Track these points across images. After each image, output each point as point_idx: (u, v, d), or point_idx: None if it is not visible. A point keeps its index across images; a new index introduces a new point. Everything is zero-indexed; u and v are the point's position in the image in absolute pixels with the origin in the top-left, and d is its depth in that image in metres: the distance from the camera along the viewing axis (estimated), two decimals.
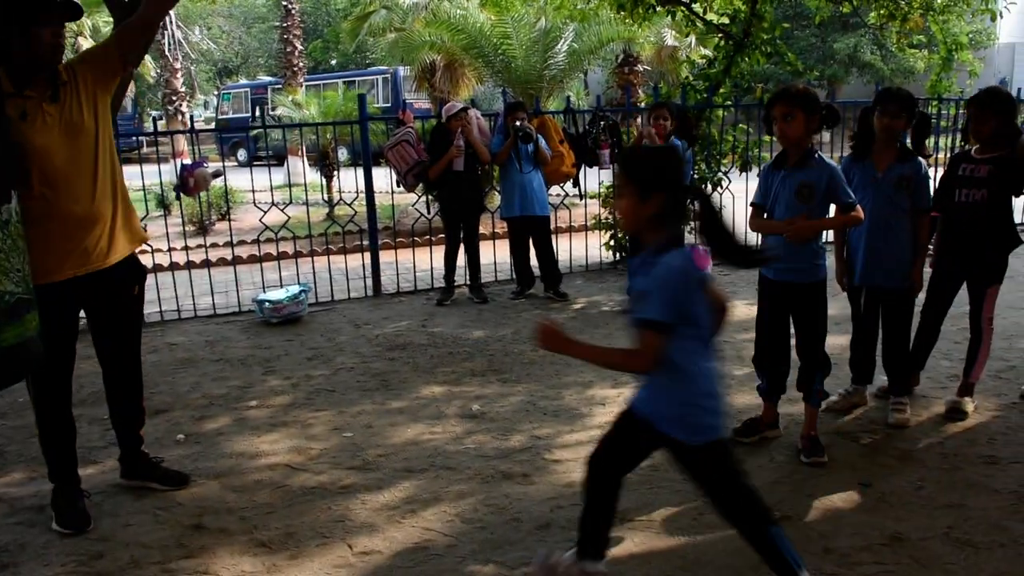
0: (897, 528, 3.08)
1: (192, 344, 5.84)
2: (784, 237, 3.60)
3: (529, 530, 3.16)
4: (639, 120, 10.92)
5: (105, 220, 3.23)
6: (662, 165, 2.50)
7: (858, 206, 3.69)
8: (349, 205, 7.43)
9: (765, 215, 3.76)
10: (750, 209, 3.83)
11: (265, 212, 6.72)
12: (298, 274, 7.11)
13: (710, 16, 8.43)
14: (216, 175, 6.29)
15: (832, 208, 3.73)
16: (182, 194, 6.33)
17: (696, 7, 8.34)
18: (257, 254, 8.35)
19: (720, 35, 8.23)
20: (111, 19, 5.83)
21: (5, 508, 3.59)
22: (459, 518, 3.27)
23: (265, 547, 3.14)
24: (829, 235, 4.77)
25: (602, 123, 7.54)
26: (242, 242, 9.98)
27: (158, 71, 24.55)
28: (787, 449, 3.80)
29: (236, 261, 7.27)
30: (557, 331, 2.43)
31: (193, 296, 6.70)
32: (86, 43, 19.15)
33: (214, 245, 8.41)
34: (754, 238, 3.55)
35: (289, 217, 6.80)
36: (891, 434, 3.94)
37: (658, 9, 8.39)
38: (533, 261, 7.02)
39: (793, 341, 3.84)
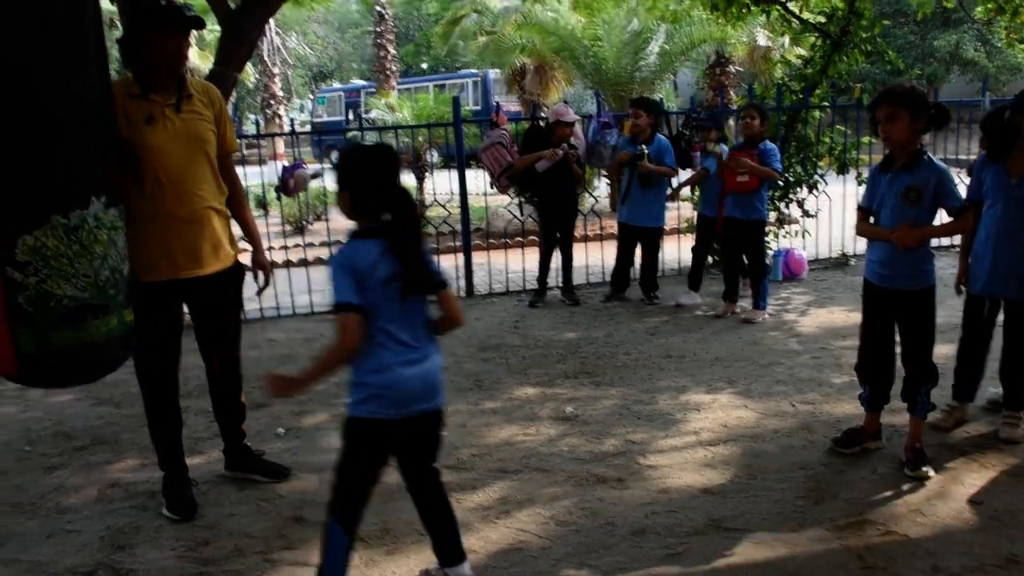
0: (1012, 549, 2.94)
1: (290, 341, 5.99)
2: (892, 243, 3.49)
3: (624, 535, 3.14)
4: (731, 121, 10.78)
5: (209, 227, 3.34)
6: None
7: (969, 213, 3.55)
8: (443, 207, 7.49)
9: (872, 219, 3.65)
10: (856, 213, 3.73)
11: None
12: None
13: (806, 15, 8.24)
14: (315, 176, 6.48)
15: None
16: (282, 195, 6.55)
17: (792, 6, 8.17)
18: None
19: (817, 34, 8.03)
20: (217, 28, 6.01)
21: (121, 492, 3.76)
22: (553, 520, 3.28)
23: (363, 541, 3.18)
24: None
25: (695, 125, 7.45)
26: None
27: (257, 76, 25.31)
28: (890, 461, 3.67)
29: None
30: (278, 376, 2.55)
31: (292, 294, 6.88)
32: (190, 51, 19.81)
33: (311, 244, 8.59)
34: (862, 243, 3.46)
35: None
36: (1003, 449, 3.77)
37: (752, 8, 8.25)
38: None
39: (898, 349, 3.72)
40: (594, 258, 7.48)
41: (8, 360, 2.66)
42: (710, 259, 7.80)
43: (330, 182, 8.75)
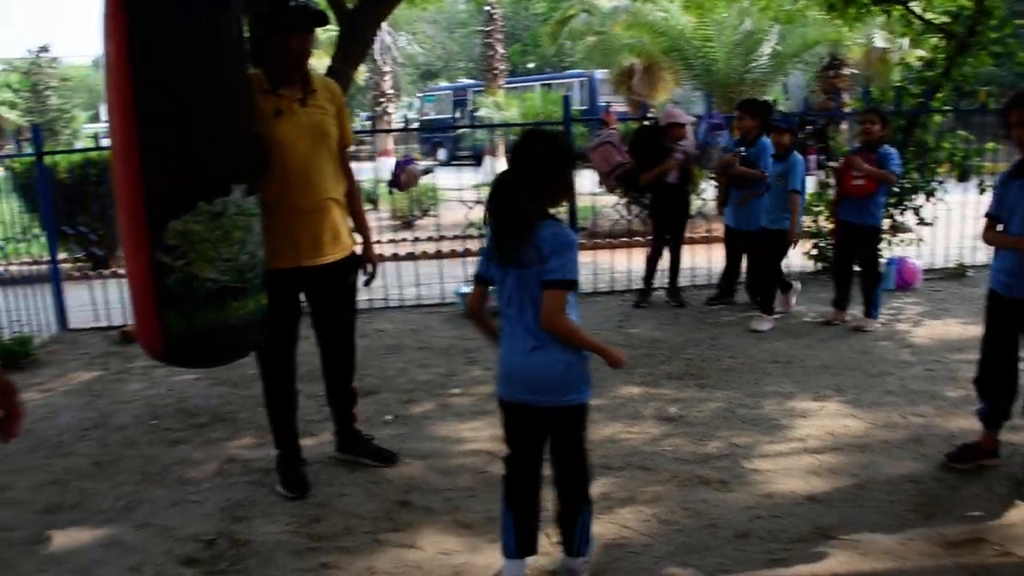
0: None
1: (398, 332, 6.16)
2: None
3: (727, 537, 3.14)
4: (843, 126, 10.50)
5: (329, 217, 3.48)
6: None
7: None
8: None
9: (1000, 227, 3.53)
10: (984, 220, 3.62)
11: (471, 207, 6.99)
12: None
13: (929, 15, 7.96)
14: (426, 172, 6.66)
15: None
16: (394, 189, 6.74)
17: (914, 5, 7.92)
18: (459, 249, 8.63)
19: (940, 35, 7.76)
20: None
21: (239, 468, 3.96)
22: (655, 518, 3.29)
23: (468, 528, 3.28)
24: None
25: (809, 128, 7.31)
26: (443, 237, 10.38)
27: (368, 74, 25.89)
28: (1008, 480, 3.54)
29: (440, 255, 7.59)
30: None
31: (400, 287, 7.06)
32: None
33: (417, 239, 8.79)
34: (987, 251, 3.35)
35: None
36: None
37: (872, 9, 8.04)
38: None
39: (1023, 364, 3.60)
40: (700, 260, 7.42)
41: (157, 340, 2.86)
42: (819, 265, 7.65)
43: (442, 177, 8.96)
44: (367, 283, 3.79)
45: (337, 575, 2.98)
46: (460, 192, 7.59)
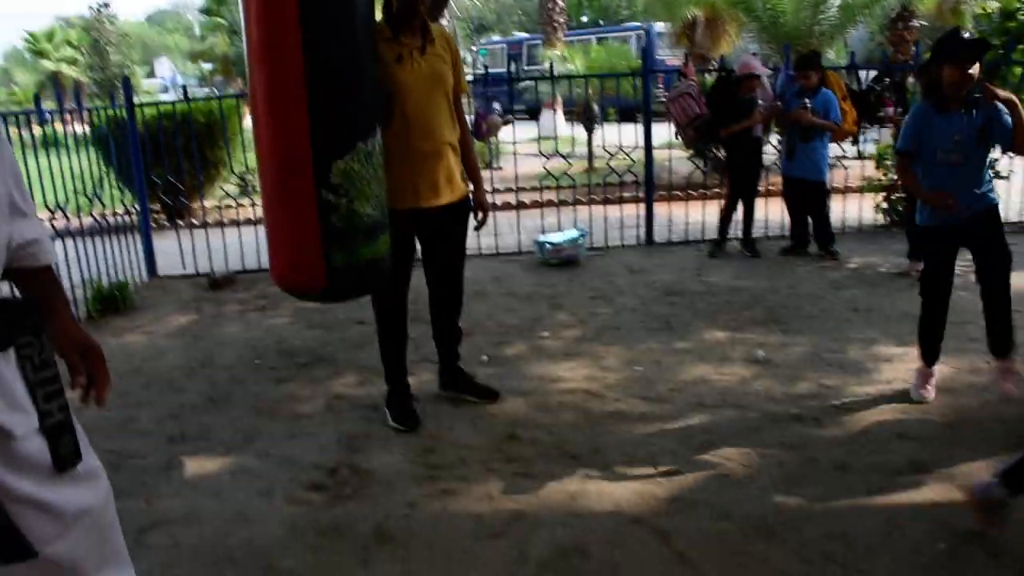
0: None
1: (480, 279, 6.33)
2: None
3: (827, 469, 3.28)
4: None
5: (446, 161, 3.64)
6: None
7: None
8: (628, 155, 7.51)
9: None
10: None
11: (548, 158, 7.12)
12: (575, 220, 7.48)
13: None
14: (506, 122, 6.78)
15: None
16: (475, 139, 6.87)
17: None
18: (539, 199, 8.76)
19: None
20: None
21: (346, 404, 4.19)
22: (755, 452, 3.44)
23: (575, 459, 3.46)
24: None
25: (887, 80, 7.28)
26: (508, 189, 10.53)
27: None
28: None
29: (520, 206, 7.74)
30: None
31: (478, 236, 7.20)
32: None
33: (496, 190, 8.91)
34: None
35: (572, 164, 7.16)
36: None
37: None
38: None
39: None
40: (773, 212, 7.47)
41: (320, 275, 3.06)
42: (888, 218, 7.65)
43: (520, 130, 9.02)
44: (477, 228, 3.95)
45: (458, 501, 3.17)
46: (517, 146, 7.67)
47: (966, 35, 3.98)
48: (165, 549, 2.94)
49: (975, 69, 3.59)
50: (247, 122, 6.62)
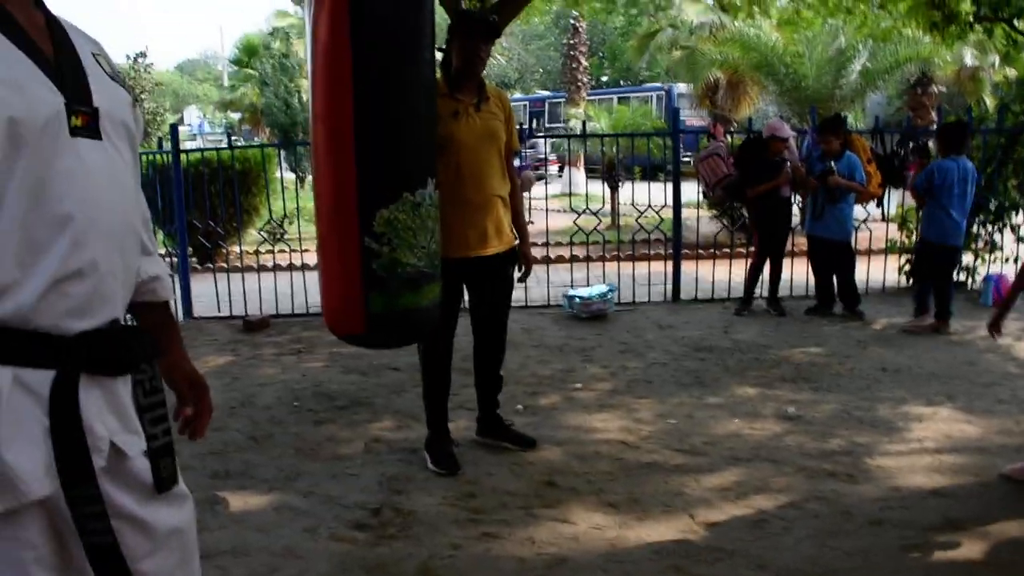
0: None
1: (512, 330, 6.38)
2: None
3: (861, 523, 3.34)
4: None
5: (495, 212, 3.79)
6: None
7: None
8: (656, 212, 7.67)
9: None
10: None
11: (579, 215, 7.29)
12: (603, 275, 7.62)
13: None
14: (540, 178, 6.96)
15: None
16: None
17: (1019, 23, 7.97)
18: (564, 255, 8.91)
19: None
20: None
21: (385, 447, 4.28)
22: (790, 505, 3.51)
23: (613, 507, 3.54)
24: None
25: (911, 144, 7.44)
26: (536, 243, 10.71)
27: None
28: None
29: (546, 260, 7.88)
30: None
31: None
32: None
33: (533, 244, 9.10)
34: None
35: (600, 220, 7.32)
36: None
37: (974, 26, 8.11)
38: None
39: None
40: (798, 272, 7.59)
41: (358, 320, 3.17)
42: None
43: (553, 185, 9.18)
44: (521, 279, 4.08)
45: (501, 544, 3.25)
46: (539, 201, 7.85)
47: None
48: None
49: None
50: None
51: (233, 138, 9.98)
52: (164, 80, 50.14)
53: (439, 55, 3.62)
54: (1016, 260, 7.70)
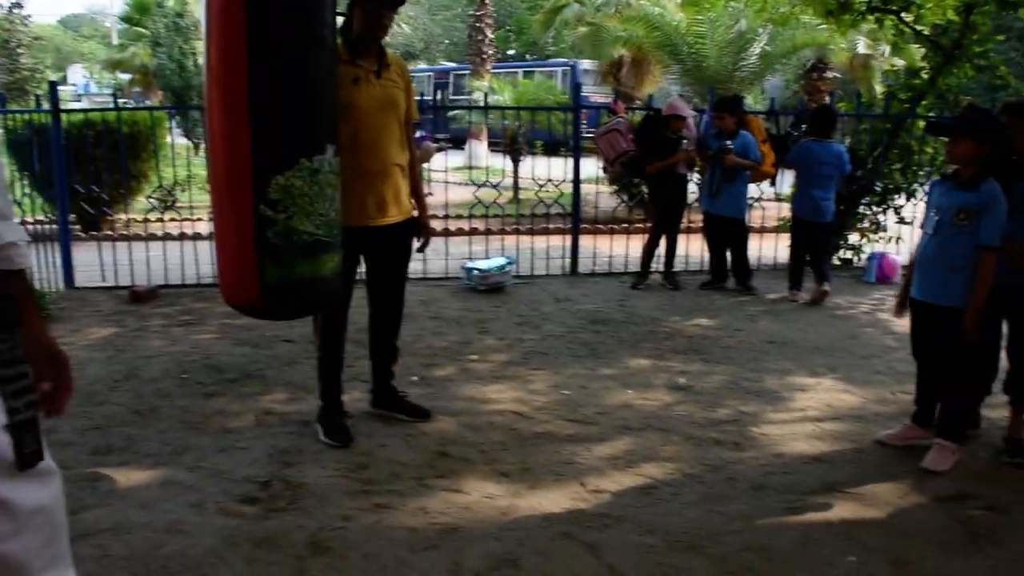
0: None
1: (408, 302, 6.30)
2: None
3: (745, 489, 3.45)
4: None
5: (393, 181, 3.74)
6: None
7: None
8: (556, 187, 7.75)
9: None
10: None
11: (479, 187, 7.25)
12: (501, 248, 7.62)
13: (919, 26, 8.34)
14: (440, 149, 6.90)
15: None
16: None
17: (906, 16, 8.28)
18: (464, 227, 8.89)
19: (928, 45, 8.15)
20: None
21: (277, 420, 4.19)
22: (678, 472, 3.60)
23: (506, 476, 3.56)
24: None
25: (803, 125, 7.67)
26: (436, 216, 10.64)
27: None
28: (988, 449, 3.93)
29: (446, 232, 7.84)
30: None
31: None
32: None
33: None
34: None
35: (501, 194, 7.31)
36: None
37: (866, 16, 8.39)
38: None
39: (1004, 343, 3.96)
40: (693, 248, 7.77)
41: (253, 290, 3.07)
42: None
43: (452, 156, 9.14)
44: (420, 250, 4.04)
45: (393, 515, 3.22)
46: (447, 174, 7.84)
47: None
48: (94, 560, 2.90)
49: None
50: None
51: (121, 100, 9.54)
52: (45, 35, 47.73)
53: (340, 20, 3.53)
54: (898, 240, 8.08)
